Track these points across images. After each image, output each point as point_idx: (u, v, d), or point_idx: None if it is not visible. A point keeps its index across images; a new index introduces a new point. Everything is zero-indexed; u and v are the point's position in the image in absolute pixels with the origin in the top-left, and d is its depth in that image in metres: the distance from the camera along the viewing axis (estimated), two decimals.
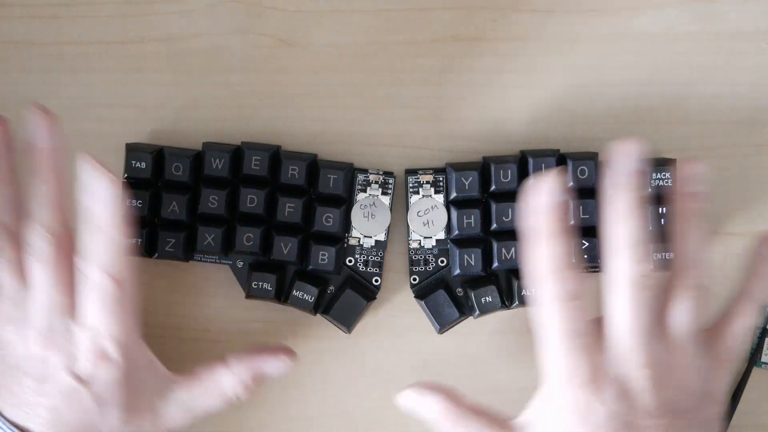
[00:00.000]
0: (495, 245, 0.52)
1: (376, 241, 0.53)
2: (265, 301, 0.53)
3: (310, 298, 0.52)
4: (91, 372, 0.46)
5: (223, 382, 0.49)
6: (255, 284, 0.52)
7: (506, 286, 0.52)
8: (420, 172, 0.53)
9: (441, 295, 0.52)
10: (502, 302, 0.52)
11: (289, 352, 0.51)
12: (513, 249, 0.51)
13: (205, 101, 0.54)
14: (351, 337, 0.54)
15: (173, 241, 0.52)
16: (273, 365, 0.50)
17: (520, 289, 0.52)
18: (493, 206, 0.52)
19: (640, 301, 0.45)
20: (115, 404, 0.46)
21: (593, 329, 0.45)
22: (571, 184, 0.52)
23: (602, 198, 0.46)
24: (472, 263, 0.52)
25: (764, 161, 0.54)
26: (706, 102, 0.54)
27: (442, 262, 0.53)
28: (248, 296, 0.52)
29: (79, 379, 0.46)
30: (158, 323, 0.54)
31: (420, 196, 0.52)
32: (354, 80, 0.54)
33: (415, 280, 0.53)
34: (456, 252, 0.52)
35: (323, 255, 0.52)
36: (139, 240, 0.52)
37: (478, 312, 0.52)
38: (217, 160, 0.52)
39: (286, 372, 0.51)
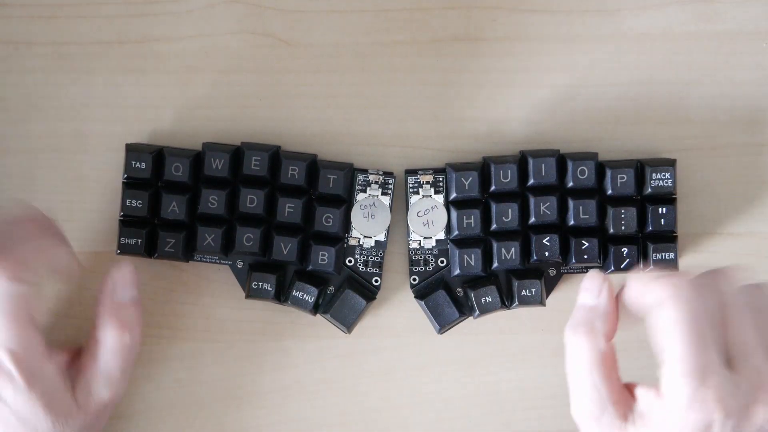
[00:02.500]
0: (495, 245, 0.52)
1: (376, 241, 0.53)
2: (265, 301, 0.53)
3: (310, 298, 0.52)
4: None
5: (107, 336, 0.48)
6: (255, 284, 0.52)
7: (506, 286, 0.52)
8: (420, 172, 0.53)
9: (441, 295, 0.52)
10: (502, 302, 0.52)
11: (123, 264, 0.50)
12: (513, 249, 0.51)
13: (205, 101, 0.54)
14: (351, 337, 0.53)
15: (173, 241, 0.52)
16: (120, 275, 0.49)
17: (520, 289, 0.52)
18: (493, 206, 0.52)
19: None
20: (35, 413, 0.45)
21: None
22: (571, 184, 0.52)
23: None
24: (472, 263, 0.52)
25: (764, 161, 0.54)
26: (706, 102, 0.54)
27: (442, 262, 0.53)
28: (248, 296, 0.52)
29: None
30: (158, 323, 0.54)
31: (420, 196, 0.52)
32: (354, 80, 0.54)
33: (415, 280, 0.53)
34: (456, 252, 0.52)
35: (323, 255, 0.52)
36: (139, 240, 0.52)
37: (478, 312, 0.52)
38: (217, 161, 0.52)
39: (132, 273, 0.49)
